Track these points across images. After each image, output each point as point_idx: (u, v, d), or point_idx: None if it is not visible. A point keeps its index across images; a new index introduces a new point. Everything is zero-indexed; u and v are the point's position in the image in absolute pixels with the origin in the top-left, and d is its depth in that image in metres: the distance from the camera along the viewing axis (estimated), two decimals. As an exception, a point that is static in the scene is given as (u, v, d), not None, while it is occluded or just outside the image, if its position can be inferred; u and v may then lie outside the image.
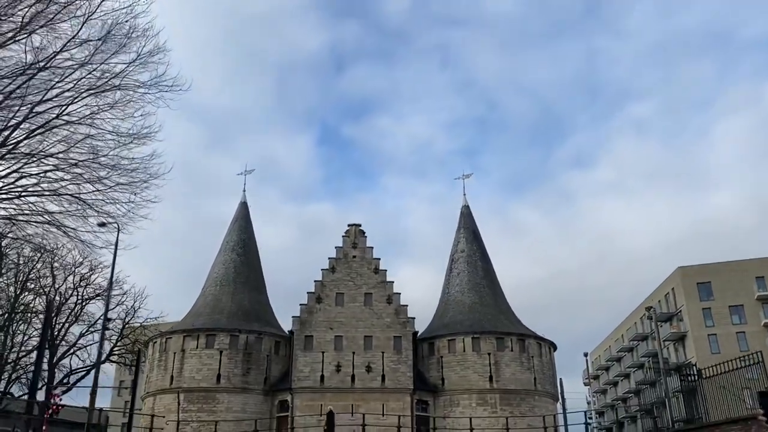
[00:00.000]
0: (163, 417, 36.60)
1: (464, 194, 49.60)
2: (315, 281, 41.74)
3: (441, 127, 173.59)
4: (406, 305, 41.53)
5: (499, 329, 41.13)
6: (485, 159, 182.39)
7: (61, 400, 36.00)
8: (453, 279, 45.74)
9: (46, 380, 48.95)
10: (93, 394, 27.39)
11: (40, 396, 33.24)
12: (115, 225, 22.74)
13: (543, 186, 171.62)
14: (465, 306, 43.45)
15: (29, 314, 48.54)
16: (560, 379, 43.96)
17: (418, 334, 42.31)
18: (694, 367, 26.59)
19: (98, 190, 20.06)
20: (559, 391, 42.41)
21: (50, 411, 34.46)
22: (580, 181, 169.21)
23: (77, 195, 19.27)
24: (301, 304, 41.03)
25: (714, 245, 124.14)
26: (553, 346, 43.48)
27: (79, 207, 19.39)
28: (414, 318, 41.26)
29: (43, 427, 35.81)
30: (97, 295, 52.34)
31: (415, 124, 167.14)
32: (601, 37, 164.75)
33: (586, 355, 56.26)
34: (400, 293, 41.72)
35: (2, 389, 43.96)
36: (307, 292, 41.37)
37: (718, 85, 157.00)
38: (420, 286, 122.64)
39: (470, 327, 41.19)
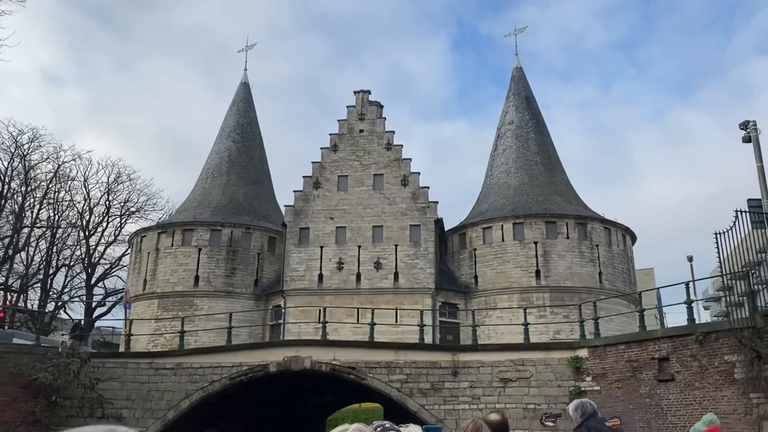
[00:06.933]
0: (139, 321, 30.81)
1: (516, 54, 39.31)
2: (313, 163, 33.67)
3: (597, 15, 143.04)
4: (427, 187, 32.55)
5: (551, 211, 31.25)
6: (647, 53, 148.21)
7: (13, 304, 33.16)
8: (497, 158, 35.97)
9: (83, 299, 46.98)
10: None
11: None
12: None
13: (715, 82, 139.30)
14: (510, 189, 33.74)
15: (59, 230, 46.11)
16: (658, 290, 33.27)
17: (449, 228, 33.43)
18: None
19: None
20: (659, 305, 31.76)
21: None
22: (764, 71, 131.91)
23: None
24: (295, 191, 33.26)
25: None
26: (629, 234, 32.88)
27: None
28: (437, 202, 32.22)
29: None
30: (131, 214, 48.73)
31: (566, 12, 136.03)
32: None
33: (690, 259, 43.87)
34: (419, 173, 32.72)
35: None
36: (303, 177, 33.46)
37: None
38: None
39: (512, 211, 31.62)
